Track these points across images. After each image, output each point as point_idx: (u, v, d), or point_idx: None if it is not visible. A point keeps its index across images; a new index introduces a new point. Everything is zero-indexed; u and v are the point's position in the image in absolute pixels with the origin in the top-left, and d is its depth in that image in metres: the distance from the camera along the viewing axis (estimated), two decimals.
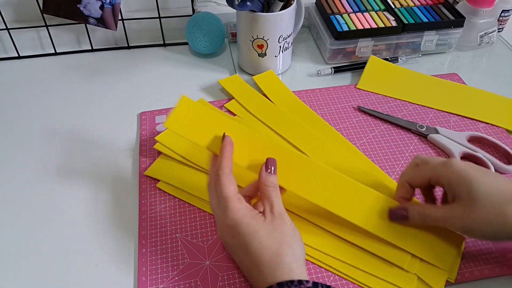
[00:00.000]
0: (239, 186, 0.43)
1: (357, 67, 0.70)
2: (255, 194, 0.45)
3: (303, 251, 0.40)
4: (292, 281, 0.36)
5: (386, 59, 0.71)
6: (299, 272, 0.38)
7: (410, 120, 0.61)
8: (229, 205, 0.40)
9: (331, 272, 0.45)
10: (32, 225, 0.50)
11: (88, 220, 0.50)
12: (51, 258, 0.47)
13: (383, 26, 0.70)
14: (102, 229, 0.49)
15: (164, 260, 0.46)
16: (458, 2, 0.75)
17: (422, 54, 0.73)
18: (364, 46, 0.70)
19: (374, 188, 0.50)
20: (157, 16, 0.72)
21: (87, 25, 0.71)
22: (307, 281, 0.36)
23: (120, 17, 0.71)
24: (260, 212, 0.41)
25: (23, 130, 0.61)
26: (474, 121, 0.61)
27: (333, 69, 0.70)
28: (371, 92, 0.66)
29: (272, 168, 0.43)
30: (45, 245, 0.48)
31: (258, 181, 0.43)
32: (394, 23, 0.70)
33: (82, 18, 0.67)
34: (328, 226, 0.47)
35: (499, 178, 0.41)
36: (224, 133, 0.45)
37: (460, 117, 0.61)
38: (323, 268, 0.45)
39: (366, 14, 0.73)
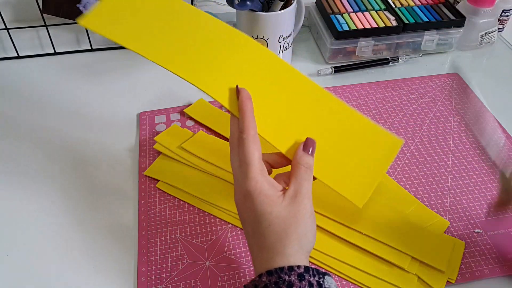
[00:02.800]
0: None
1: (358, 67, 0.70)
2: (278, 165, 0.41)
3: (311, 245, 0.36)
4: (281, 268, 0.33)
5: (387, 59, 0.71)
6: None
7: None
8: (250, 174, 0.36)
9: (331, 272, 0.45)
10: (32, 225, 0.50)
11: (87, 220, 0.50)
12: (51, 258, 0.47)
13: (384, 25, 0.70)
14: (101, 229, 0.49)
15: (164, 260, 0.46)
16: (458, 2, 0.75)
17: (423, 54, 0.73)
18: (364, 45, 0.70)
19: None
20: None
21: None
22: (299, 267, 0.33)
23: None
24: (281, 190, 0.37)
25: (23, 129, 0.61)
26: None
27: (333, 69, 0.69)
28: None
29: (311, 150, 0.39)
30: (45, 245, 0.48)
31: (292, 159, 0.39)
32: (394, 23, 0.70)
33: None
34: (329, 227, 0.47)
35: None
36: (237, 86, 0.39)
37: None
38: (324, 269, 0.45)
39: (366, 13, 0.73)
